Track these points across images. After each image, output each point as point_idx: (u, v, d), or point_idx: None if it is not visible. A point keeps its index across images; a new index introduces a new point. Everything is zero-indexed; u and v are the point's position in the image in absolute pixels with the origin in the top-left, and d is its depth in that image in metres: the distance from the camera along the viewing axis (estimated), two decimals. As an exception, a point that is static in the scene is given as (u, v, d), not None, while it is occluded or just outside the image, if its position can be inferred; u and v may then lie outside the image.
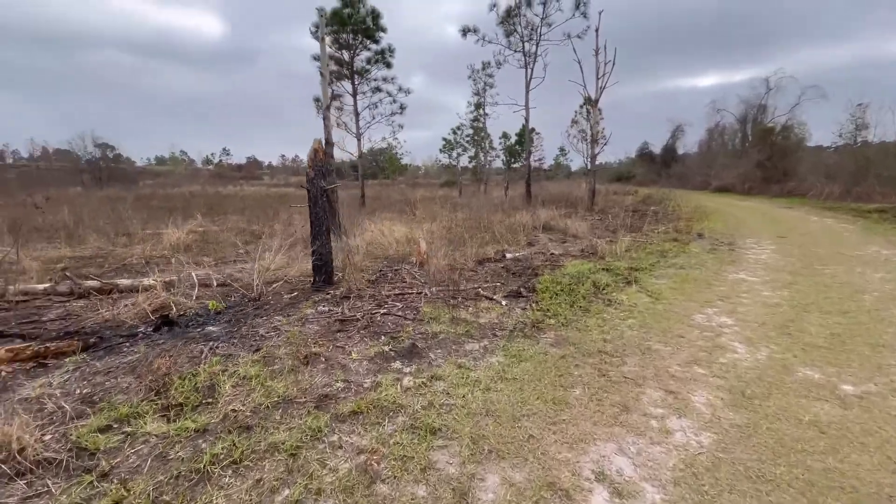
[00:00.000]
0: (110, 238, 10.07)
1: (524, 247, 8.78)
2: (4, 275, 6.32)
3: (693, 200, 19.53)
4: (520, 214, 11.89)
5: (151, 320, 4.26)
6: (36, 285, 5.46)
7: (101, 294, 5.41)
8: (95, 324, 4.42)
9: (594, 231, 10.58)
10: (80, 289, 5.42)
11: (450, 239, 9.20)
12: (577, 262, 6.83)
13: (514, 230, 10.15)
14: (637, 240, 9.04)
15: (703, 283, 5.68)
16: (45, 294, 5.39)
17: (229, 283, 5.59)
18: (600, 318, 4.30)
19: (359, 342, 3.56)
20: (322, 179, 4.98)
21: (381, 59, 21.13)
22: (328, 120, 8.76)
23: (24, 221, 10.89)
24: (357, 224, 9.76)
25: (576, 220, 11.62)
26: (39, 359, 3.70)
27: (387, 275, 5.81)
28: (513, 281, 5.72)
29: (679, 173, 38.79)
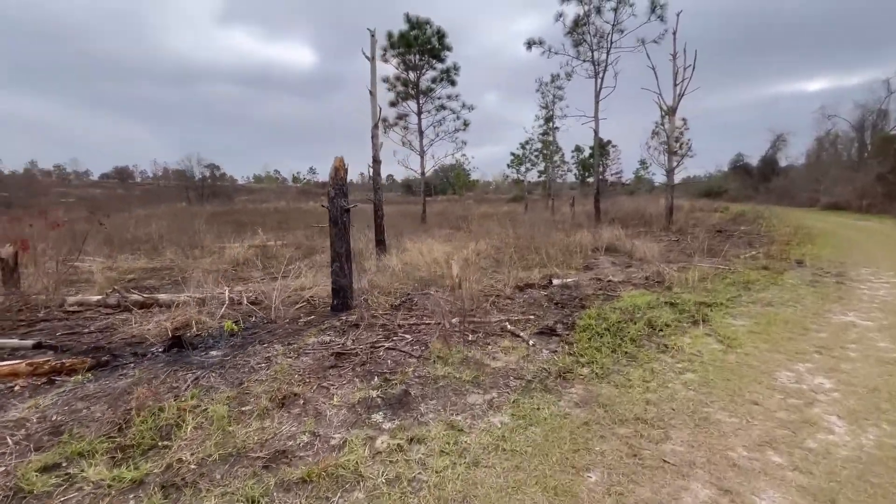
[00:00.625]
0: (185, 251, 10.90)
1: (580, 271, 7.92)
2: (69, 285, 6.93)
3: (795, 219, 16.85)
4: (581, 233, 10.93)
5: (167, 339, 4.24)
6: (90, 297, 5.85)
7: (143, 308, 5.64)
8: (122, 339, 4.52)
9: (666, 254, 9.33)
10: (125, 302, 5.70)
11: (497, 259, 8.62)
12: (635, 293, 5.90)
13: (572, 251, 9.28)
14: (717, 266, 7.75)
15: (795, 327, 4.52)
16: (97, 305, 5.75)
17: (259, 301, 5.55)
18: (649, 369, 3.48)
19: (347, 383, 3.16)
20: (343, 199, 4.74)
21: (446, 78, 21.29)
22: (376, 138, 8.71)
23: (117, 235, 12.21)
24: (402, 242, 9.55)
25: (646, 241, 10.39)
26: (55, 374, 3.79)
27: (413, 300, 5.40)
28: (552, 313, 5.00)
29: (780, 188, 34.25)
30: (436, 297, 5.31)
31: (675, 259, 8.76)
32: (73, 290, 6.73)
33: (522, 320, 4.63)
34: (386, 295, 5.53)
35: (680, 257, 8.84)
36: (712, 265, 7.93)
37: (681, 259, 8.66)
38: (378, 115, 8.67)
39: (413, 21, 19.73)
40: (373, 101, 8.68)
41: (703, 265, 7.87)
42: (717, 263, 8.14)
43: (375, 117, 8.68)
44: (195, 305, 5.34)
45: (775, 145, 41.51)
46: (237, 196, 55.17)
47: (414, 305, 5.14)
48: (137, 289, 7.02)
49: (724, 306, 5.24)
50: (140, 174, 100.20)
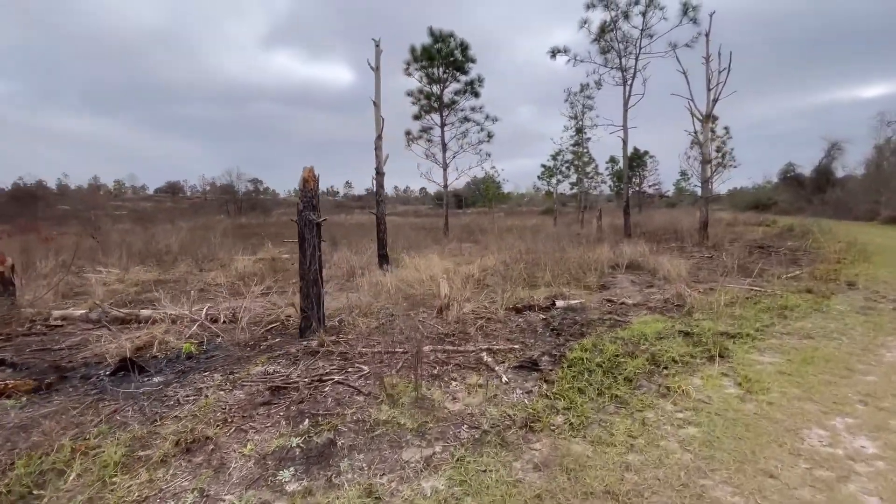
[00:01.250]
0: (198, 263, 11.00)
1: (594, 291, 7.23)
2: (70, 297, 6.95)
3: (851, 234, 15.22)
4: (602, 249, 10.17)
5: (118, 361, 4.00)
6: (74, 311, 5.78)
7: (122, 324, 5.50)
8: (83, 359, 4.34)
9: (695, 273, 8.45)
10: (107, 317, 5.59)
11: (504, 276, 8.05)
12: (648, 319, 5.20)
13: (588, 268, 8.56)
14: (752, 288, 6.85)
15: (837, 367, 3.72)
16: (80, 320, 5.67)
17: (237, 319, 5.28)
18: (640, 419, 2.86)
19: (272, 425, 2.73)
20: (312, 212, 4.40)
21: (470, 90, 21.04)
22: (379, 150, 8.43)
23: (139, 246, 12.54)
24: (409, 256, 9.16)
25: (674, 258, 9.51)
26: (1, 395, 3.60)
27: (393, 322, 4.96)
28: (544, 342, 4.42)
29: (836, 200, 31.58)
30: (415, 321, 4.85)
31: (704, 279, 7.89)
32: (71, 303, 6.75)
33: (506, 350, 4.08)
34: (366, 316, 5.12)
35: (710, 277, 7.95)
36: (746, 286, 7.03)
37: (711, 279, 7.77)
38: (381, 126, 8.40)
39: (436, 34, 19.69)
40: (377, 111, 8.43)
41: (735, 286, 6.99)
42: (751, 284, 7.22)
43: (379, 128, 8.41)
44: (169, 323, 5.14)
45: (830, 154, 38.51)
46: (276, 209, 57.14)
47: (391, 329, 4.69)
48: (135, 302, 6.98)
49: (752, 338, 4.47)
50: (190, 188, 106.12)
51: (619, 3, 15.56)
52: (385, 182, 9.10)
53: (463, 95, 21.10)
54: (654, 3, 15.03)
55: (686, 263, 9.57)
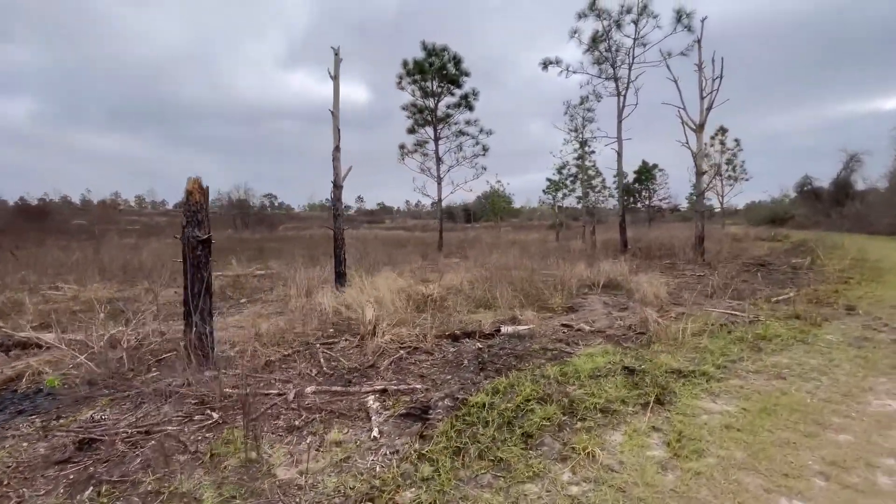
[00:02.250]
0: (158, 281, 10.62)
1: (559, 313, 6.56)
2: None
3: (867, 249, 14.15)
4: (580, 266, 9.47)
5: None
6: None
7: (23, 349, 5.06)
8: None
9: (678, 294, 7.70)
10: (10, 341, 5.16)
11: (469, 296, 7.43)
12: (596, 350, 4.53)
13: (559, 287, 7.88)
14: (733, 313, 6.10)
15: (804, 419, 3.01)
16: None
17: (141, 345, 4.78)
18: (516, 496, 2.21)
19: (47, 493, 2.18)
20: (196, 228, 3.90)
21: (464, 103, 20.71)
22: (337, 161, 7.98)
23: (117, 260, 12.29)
24: (374, 274, 8.61)
25: (658, 277, 8.77)
26: None
27: (302, 353, 4.39)
28: (461, 379, 3.78)
29: (856, 214, 30.13)
30: (339, 349, 4.28)
31: (684, 301, 7.14)
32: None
33: (406, 391, 3.46)
34: (275, 346, 4.57)
35: (693, 298, 7.19)
36: (727, 310, 6.28)
37: (693, 301, 7.03)
38: (338, 137, 7.97)
39: (429, 48, 19.49)
40: (334, 121, 8.02)
41: (716, 310, 6.25)
42: (734, 308, 6.46)
43: (336, 139, 7.98)
44: (67, 349, 4.67)
45: (849, 166, 36.98)
46: (283, 223, 57.61)
47: (294, 362, 4.12)
48: (67, 322, 6.57)
49: (708, 377, 3.76)
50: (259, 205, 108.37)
51: (611, 13, 15.10)
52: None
53: (457, 109, 20.78)
54: (647, 12, 14.51)
55: (671, 283, 8.82)
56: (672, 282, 9.06)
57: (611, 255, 14.66)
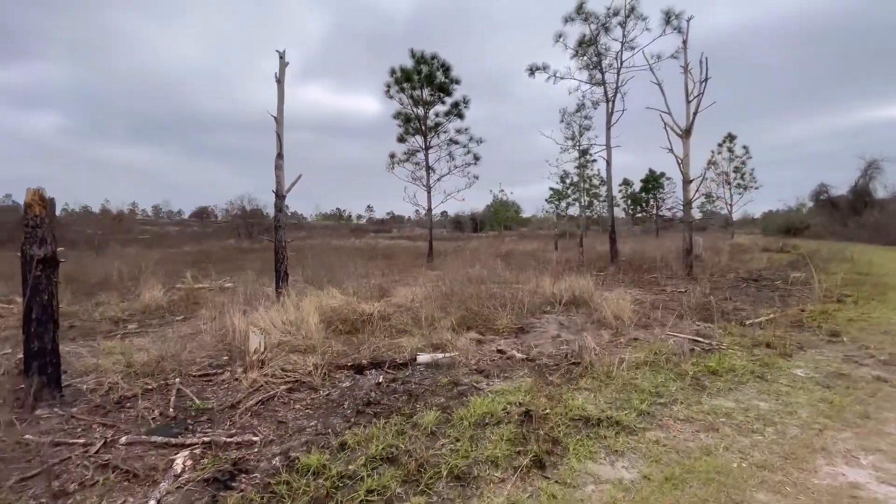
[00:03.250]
0: (119, 293, 10.23)
1: (507, 334, 5.92)
2: None
3: (876, 263, 13.11)
4: (545, 280, 8.77)
5: None
6: None
7: None
8: None
9: (647, 313, 6.97)
10: None
11: (416, 317, 6.82)
12: (508, 388, 3.88)
13: (516, 305, 7.21)
14: (696, 339, 5.37)
15: (720, 493, 2.32)
16: None
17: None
18: None
19: None
20: (35, 245, 3.41)
21: (455, 112, 20.25)
22: (279, 170, 7.52)
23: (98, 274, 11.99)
24: (327, 288, 8.07)
25: (627, 292, 8.04)
26: None
27: (167, 386, 3.83)
28: (326, 427, 3.18)
29: (874, 223, 28.68)
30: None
31: (651, 321, 6.42)
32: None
33: (241, 443, 2.87)
34: (147, 376, 4.03)
35: (662, 318, 6.46)
36: (692, 335, 5.55)
37: (661, 320, 6.31)
38: (281, 145, 7.52)
39: (417, 56, 19.14)
40: (278, 127, 7.57)
41: (679, 335, 5.53)
42: (698, 332, 5.72)
43: (279, 146, 7.53)
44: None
45: (867, 174, 35.43)
46: (295, 232, 57.76)
47: (149, 400, 3.57)
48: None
49: (621, 428, 3.08)
50: (221, 213, 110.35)
51: (599, 16, 14.53)
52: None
53: (448, 117, 20.33)
54: (635, 14, 13.91)
55: (645, 300, 8.08)
56: (646, 299, 8.31)
57: (596, 268, 13.91)
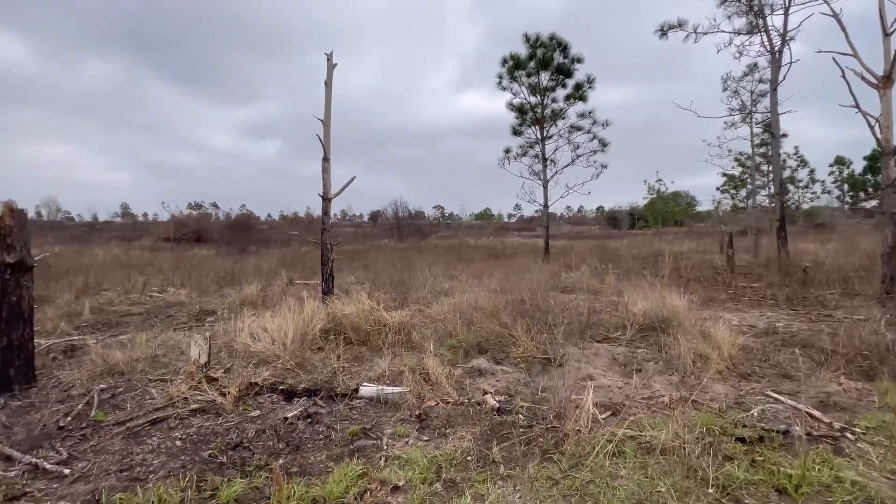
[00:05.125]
0: (220, 287, 11.64)
1: (529, 365, 4.59)
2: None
3: None
4: (635, 295, 6.70)
5: None
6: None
7: None
8: None
9: (772, 354, 4.65)
10: None
11: (465, 322, 5.93)
12: (414, 456, 2.76)
13: (577, 321, 5.61)
14: (815, 413, 3.20)
15: None
16: None
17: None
18: None
19: None
20: (6, 253, 3.77)
21: (576, 95, 17.99)
22: (326, 173, 7.45)
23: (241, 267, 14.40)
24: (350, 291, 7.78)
25: (769, 315, 5.56)
26: None
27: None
28: (167, 468, 2.66)
29: None
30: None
31: (762, 369, 4.22)
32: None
33: (52, 474, 2.56)
34: (111, 375, 4.18)
35: (790, 364, 4.17)
36: (812, 401, 3.33)
37: (787, 369, 4.07)
38: (328, 148, 7.46)
39: (531, 40, 17.62)
40: (325, 131, 7.53)
41: (784, 400, 3.40)
42: (833, 399, 3.42)
43: (327, 150, 7.48)
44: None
45: None
46: (436, 233, 61.33)
47: (73, 402, 3.64)
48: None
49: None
50: (390, 216, 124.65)
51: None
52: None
53: (568, 102, 18.19)
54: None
55: (785, 329, 5.52)
56: (790, 328, 5.66)
57: (748, 277, 10.47)
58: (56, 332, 6.64)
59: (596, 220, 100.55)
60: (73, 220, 75.02)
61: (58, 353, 5.18)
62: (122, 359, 4.41)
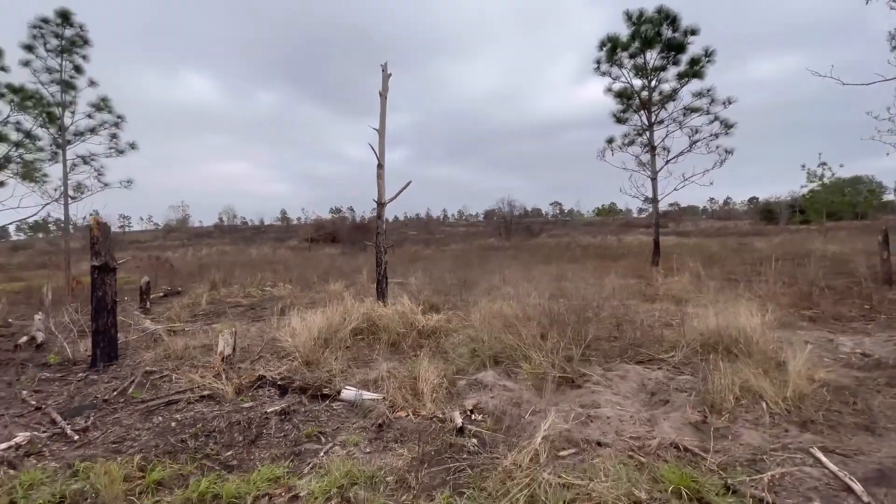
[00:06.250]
0: (309, 285, 13.02)
1: (545, 385, 4.22)
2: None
3: None
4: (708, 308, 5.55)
5: None
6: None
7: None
8: None
9: (864, 398, 3.49)
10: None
11: (493, 329, 5.81)
12: (335, 469, 2.74)
13: (627, 335, 4.94)
14: (846, 476, 2.29)
15: None
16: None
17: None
18: None
19: None
20: (95, 258, 4.79)
21: (692, 72, 15.59)
22: (381, 179, 7.77)
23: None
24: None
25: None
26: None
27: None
28: (141, 444, 3.10)
29: None
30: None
31: (843, 417, 3.19)
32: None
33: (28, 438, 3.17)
34: (170, 359, 4.99)
35: (874, 408, 3.09)
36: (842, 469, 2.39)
37: (863, 417, 3.04)
38: (383, 156, 7.80)
39: (632, 17, 15.83)
40: (380, 140, 7.86)
41: (812, 457, 2.52)
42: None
43: (382, 157, 7.82)
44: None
45: None
46: (546, 231, 59.37)
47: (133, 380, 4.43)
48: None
49: None
50: (506, 214, 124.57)
51: None
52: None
53: (682, 81, 15.86)
54: None
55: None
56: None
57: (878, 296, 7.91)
58: (176, 320, 8.22)
59: (749, 213, 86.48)
60: (246, 224, 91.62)
61: (158, 337, 6.39)
62: (180, 346, 5.24)
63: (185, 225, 77.58)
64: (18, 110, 14.17)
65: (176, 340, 5.42)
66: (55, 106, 14.16)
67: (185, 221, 78.06)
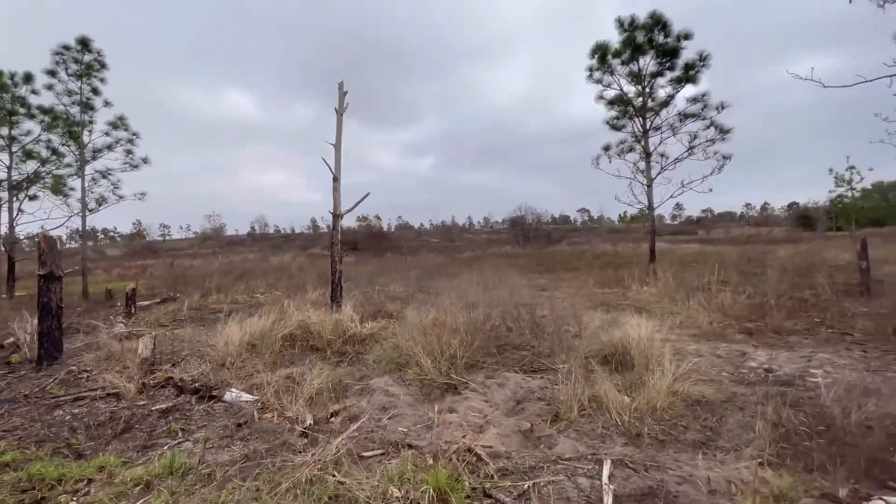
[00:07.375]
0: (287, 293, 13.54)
1: (428, 391, 4.41)
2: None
3: None
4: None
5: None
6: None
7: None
8: None
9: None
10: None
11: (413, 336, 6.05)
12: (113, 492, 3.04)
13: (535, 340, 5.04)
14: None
15: None
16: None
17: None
18: None
19: None
20: (41, 267, 5.35)
21: (685, 77, 15.27)
22: (336, 192, 8.16)
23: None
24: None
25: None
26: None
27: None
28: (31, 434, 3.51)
29: None
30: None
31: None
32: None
33: (-29, 429, 3.62)
34: (108, 360, 5.47)
35: None
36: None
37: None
38: (339, 169, 8.18)
39: (624, 23, 15.70)
40: (336, 154, 8.25)
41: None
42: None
43: (338, 171, 8.20)
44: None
45: None
46: (569, 237, 58.54)
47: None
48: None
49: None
50: (532, 220, 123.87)
51: None
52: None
53: (676, 86, 15.54)
54: None
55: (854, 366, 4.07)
56: (849, 379, 4.07)
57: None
58: (155, 324, 8.85)
59: (788, 219, 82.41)
60: (278, 231, 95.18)
61: (117, 340, 6.95)
62: (118, 349, 5.73)
63: (220, 234, 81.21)
64: (48, 130, 15.65)
65: (124, 344, 5.92)
66: (77, 125, 15.49)
67: (219, 230, 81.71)
